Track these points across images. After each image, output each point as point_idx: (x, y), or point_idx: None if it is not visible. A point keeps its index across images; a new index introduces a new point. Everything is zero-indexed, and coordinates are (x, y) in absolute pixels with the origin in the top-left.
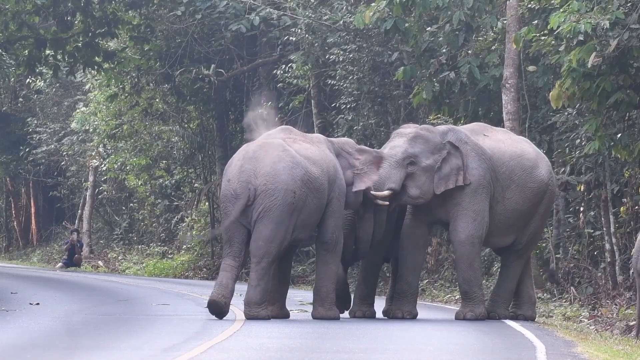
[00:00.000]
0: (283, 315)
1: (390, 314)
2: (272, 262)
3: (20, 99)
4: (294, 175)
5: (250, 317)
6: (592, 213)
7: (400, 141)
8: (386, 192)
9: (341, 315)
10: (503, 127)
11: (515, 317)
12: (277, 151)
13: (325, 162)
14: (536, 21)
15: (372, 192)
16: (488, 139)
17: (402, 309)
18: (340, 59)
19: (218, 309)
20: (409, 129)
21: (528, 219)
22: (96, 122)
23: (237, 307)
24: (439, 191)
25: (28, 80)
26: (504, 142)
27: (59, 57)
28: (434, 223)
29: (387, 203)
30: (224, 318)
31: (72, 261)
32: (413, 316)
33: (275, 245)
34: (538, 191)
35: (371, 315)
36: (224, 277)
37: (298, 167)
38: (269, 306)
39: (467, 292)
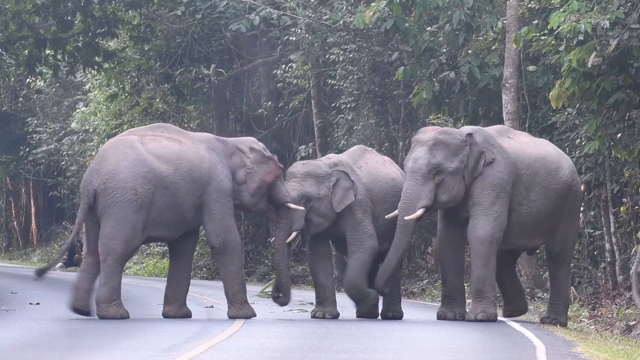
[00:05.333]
0: (183, 314)
1: (441, 317)
2: (119, 259)
3: (20, 99)
4: (135, 173)
5: (101, 316)
6: (592, 213)
7: (420, 152)
8: (420, 212)
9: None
10: None
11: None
12: (123, 149)
13: (189, 161)
14: (536, 21)
15: (406, 217)
16: (513, 141)
17: (454, 311)
18: (340, 59)
19: (80, 312)
20: (427, 134)
21: (554, 221)
22: (96, 122)
23: None
24: (470, 182)
25: (28, 80)
26: (528, 144)
27: (59, 57)
28: (464, 223)
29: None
30: (224, 318)
31: (72, 261)
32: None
33: (119, 242)
34: (562, 192)
35: (399, 316)
36: (79, 279)
37: (141, 165)
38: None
39: (481, 291)
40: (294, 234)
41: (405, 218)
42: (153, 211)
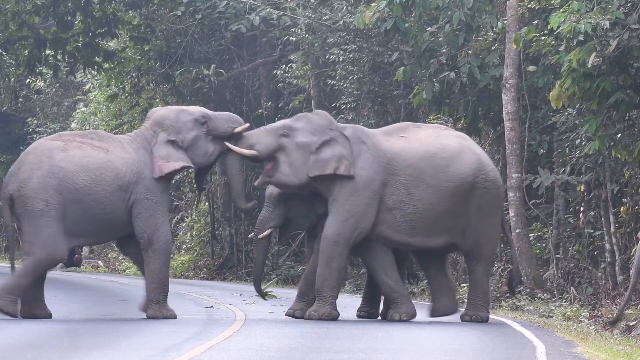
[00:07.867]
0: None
1: (387, 317)
2: (38, 263)
3: (20, 99)
4: (46, 185)
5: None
6: (592, 213)
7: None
8: (247, 151)
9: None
10: (503, 127)
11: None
12: (41, 157)
13: (113, 170)
14: (536, 21)
15: (228, 143)
16: (402, 140)
17: (399, 312)
18: (340, 59)
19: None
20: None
21: (459, 219)
22: (96, 122)
23: (237, 307)
24: (312, 174)
25: (28, 80)
26: (421, 141)
27: (59, 57)
28: None
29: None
30: (224, 318)
31: (72, 261)
32: (410, 317)
33: (38, 247)
34: (457, 189)
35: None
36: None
37: (53, 177)
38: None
39: (319, 290)
40: (268, 231)
41: (228, 144)
42: (69, 222)
